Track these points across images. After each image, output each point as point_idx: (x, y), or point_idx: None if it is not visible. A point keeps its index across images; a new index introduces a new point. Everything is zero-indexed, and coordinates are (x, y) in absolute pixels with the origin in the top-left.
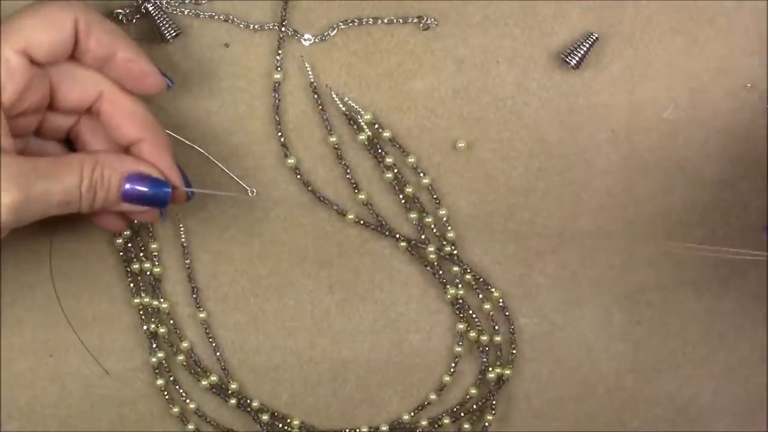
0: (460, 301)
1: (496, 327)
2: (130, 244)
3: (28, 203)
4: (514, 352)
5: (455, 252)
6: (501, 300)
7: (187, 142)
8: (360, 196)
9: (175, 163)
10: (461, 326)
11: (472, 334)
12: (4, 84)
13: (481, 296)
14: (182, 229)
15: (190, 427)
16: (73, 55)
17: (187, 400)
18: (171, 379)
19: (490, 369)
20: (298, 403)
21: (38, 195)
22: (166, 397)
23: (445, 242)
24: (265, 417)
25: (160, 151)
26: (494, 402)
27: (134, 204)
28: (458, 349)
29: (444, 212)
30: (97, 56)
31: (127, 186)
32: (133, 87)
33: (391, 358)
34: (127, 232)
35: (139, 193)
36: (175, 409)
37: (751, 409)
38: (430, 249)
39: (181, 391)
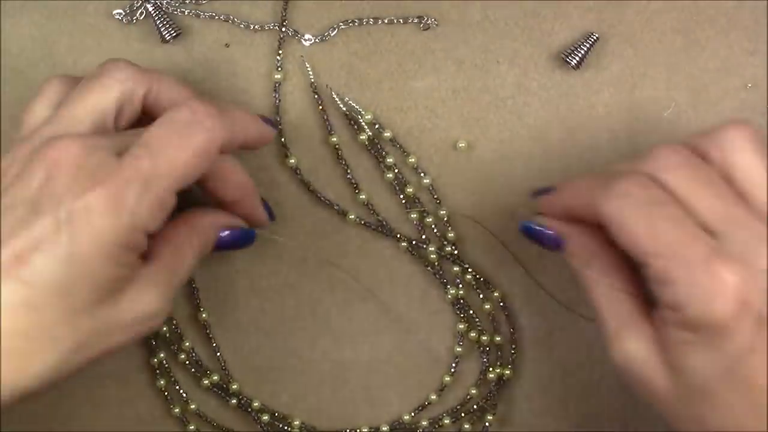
0: (461, 301)
1: (497, 327)
2: None
3: (167, 306)
4: (515, 352)
5: (456, 252)
6: (501, 300)
7: None
8: (360, 197)
9: (261, 205)
10: (462, 326)
11: (473, 334)
12: (157, 217)
13: (481, 296)
14: None
15: (191, 427)
16: None
17: (188, 401)
18: (172, 379)
19: (491, 369)
20: (298, 403)
21: (176, 290)
22: (167, 397)
23: (445, 242)
24: (265, 417)
25: (253, 204)
26: (495, 402)
27: (222, 250)
28: (459, 349)
29: (444, 212)
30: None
31: (222, 235)
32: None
33: (391, 358)
34: None
35: (229, 243)
36: (176, 410)
37: None
38: (430, 249)
39: (181, 391)
